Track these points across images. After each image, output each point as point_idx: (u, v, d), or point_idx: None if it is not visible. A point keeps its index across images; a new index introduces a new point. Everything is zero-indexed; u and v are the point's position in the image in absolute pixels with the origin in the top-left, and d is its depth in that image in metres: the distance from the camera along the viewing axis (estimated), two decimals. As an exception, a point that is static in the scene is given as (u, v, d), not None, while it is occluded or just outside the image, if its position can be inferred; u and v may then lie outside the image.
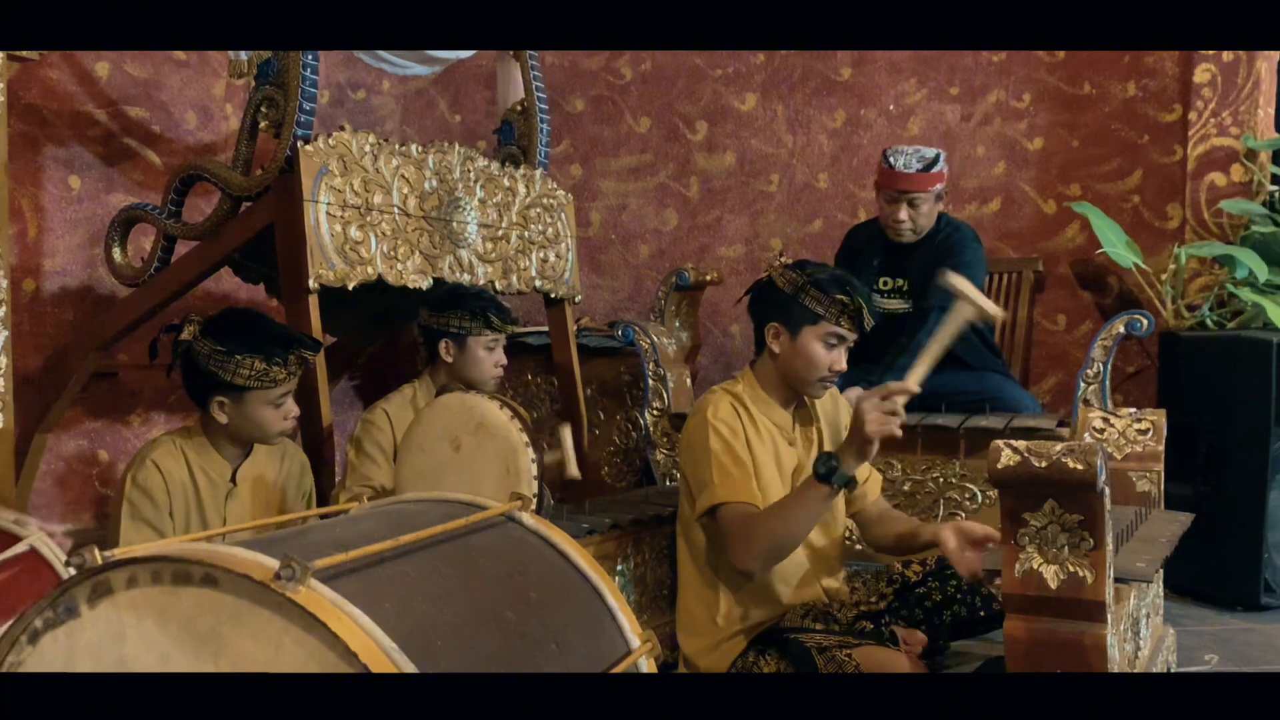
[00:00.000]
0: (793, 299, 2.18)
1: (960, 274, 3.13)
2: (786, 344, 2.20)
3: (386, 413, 2.67)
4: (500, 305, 2.85)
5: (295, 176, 2.74)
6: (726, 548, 2.08)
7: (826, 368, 2.18)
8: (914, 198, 3.22)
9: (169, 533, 2.20)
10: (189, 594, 0.98)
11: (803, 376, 2.20)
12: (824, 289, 2.16)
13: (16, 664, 1.03)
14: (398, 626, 0.95)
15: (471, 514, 1.27)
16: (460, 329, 2.77)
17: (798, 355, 2.18)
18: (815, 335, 2.17)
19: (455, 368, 2.78)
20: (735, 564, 2.07)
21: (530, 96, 3.58)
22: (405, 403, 2.72)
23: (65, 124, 3.62)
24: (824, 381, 2.22)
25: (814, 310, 2.16)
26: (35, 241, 3.53)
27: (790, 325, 2.19)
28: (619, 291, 4.59)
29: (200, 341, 2.22)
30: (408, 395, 2.76)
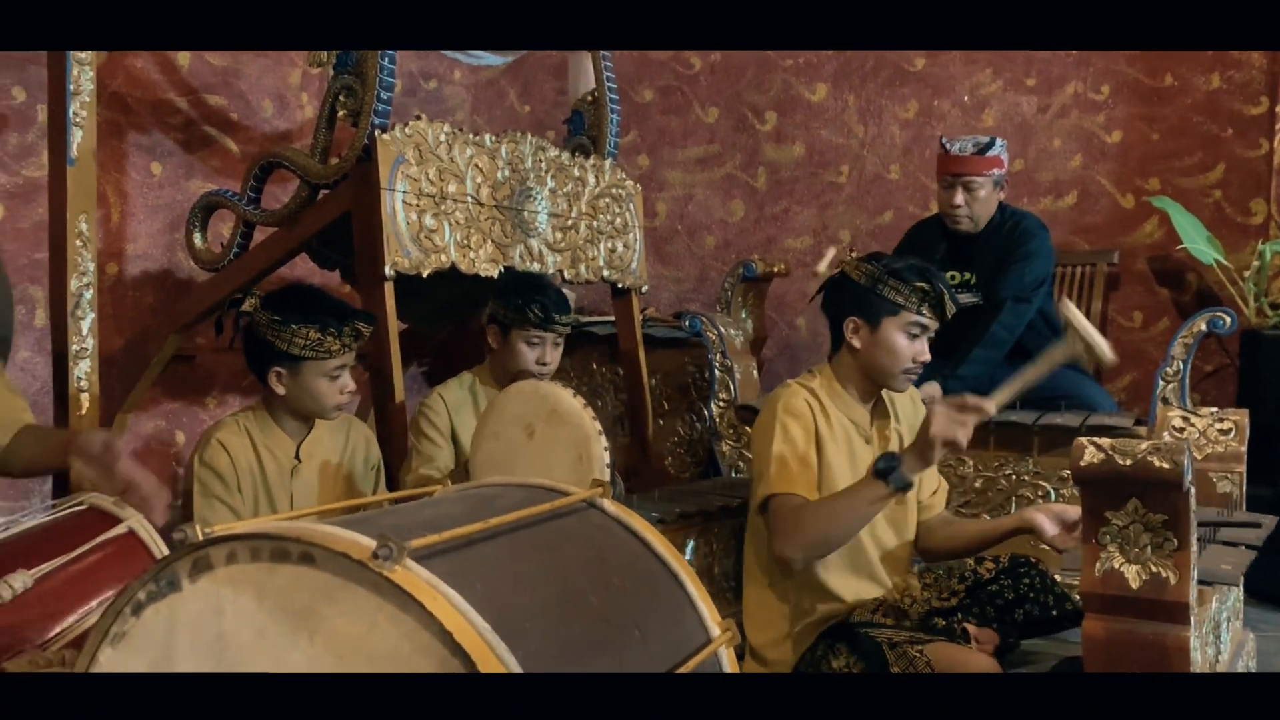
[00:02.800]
0: (870, 290, 2.15)
1: (1025, 265, 3.13)
2: (867, 337, 2.17)
3: (443, 398, 2.67)
4: (558, 301, 2.74)
5: (373, 165, 2.77)
6: (772, 538, 2.05)
7: (910, 359, 2.15)
8: (969, 181, 3.17)
9: (241, 509, 2.25)
10: (286, 571, 1.00)
11: (886, 369, 2.17)
12: (903, 278, 2.14)
13: (120, 634, 1.06)
14: (488, 607, 0.97)
15: (553, 499, 1.29)
16: (504, 319, 2.71)
17: (879, 348, 2.16)
18: (896, 326, 2.14)
19: (498, 355, 2.75)
20: (777, 553, 2.04)
21: (601, 87, 3.59)
22: (463, 389, 2.72)
23: (148, 112, 3.71)
24: (908, 373, 2.18)
25: (894, 300, 2.13)
26: (118, 226, 3.62)
27: (869, 318, 2.16)
28: (684, 282, 4.59)
29: (260, 313, 2.28)
30: (466, 382, 2.75)
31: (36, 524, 1.71)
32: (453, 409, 2.64)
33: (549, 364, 2.72)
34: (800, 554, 2.03)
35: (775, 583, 2.21)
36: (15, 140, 3.37)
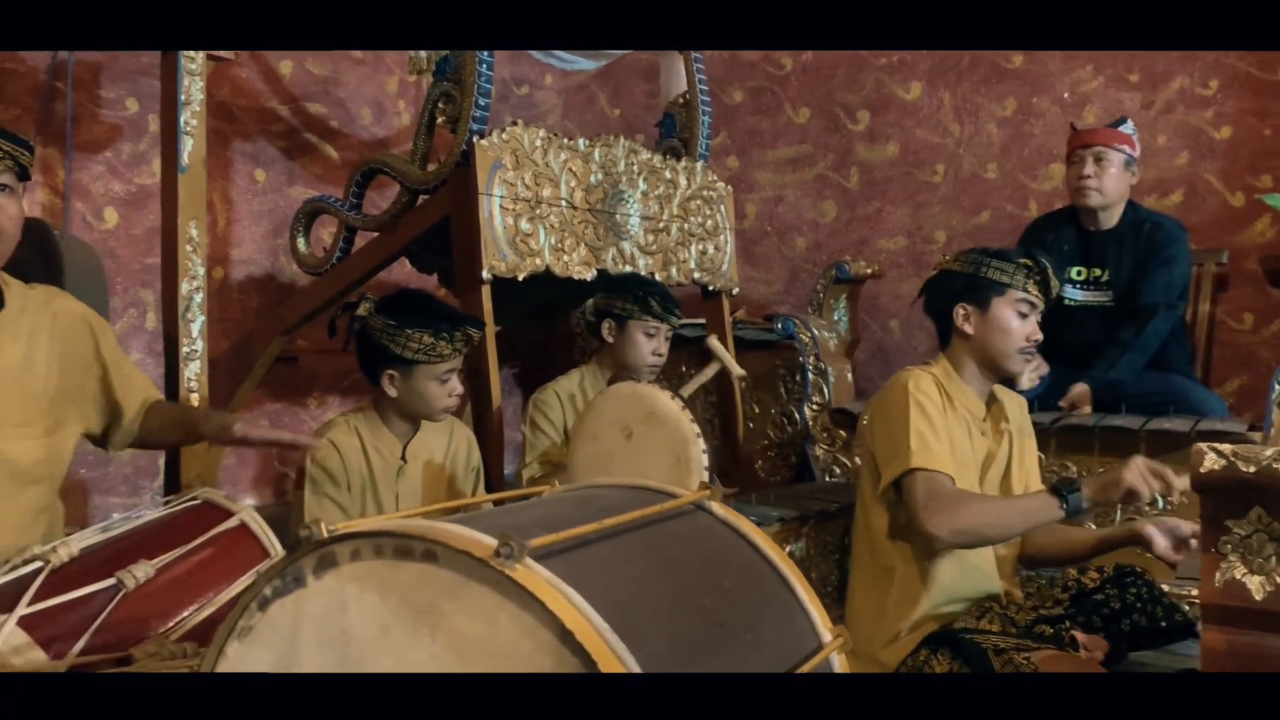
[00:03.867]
0: (975, 275, 2.20)
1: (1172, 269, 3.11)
2: (978, 321, 2.19)
3: (557, 393, 2.80)
4: (667, 296, 2.91)
5: (470, 170, 2.82)
6: (916, 511, 2.02)
7: (1024, 337, 2.18)
8: (1100, 152, 3.18)
9: (350, 507, 2.31)
10: (409, 568, 1.02)
11: (1002, 349, 2.19)
12: (1006, 257, 2.20)
13: (247, 628, 1.09)
14: (606, 608, 0.97)
15: (662, 501, 1.29)
16: (622, 311, 2.86)
17: (992, 329, 2.18)
18: (1006, 305, 2.17)
19: (614, 349, 2.88)
20: (924, 527, 2.01)
21: (693, 90, 3.60)
22: (573, 385, 2.84)
23: (252, 120, 3.82)
24: (1024, 352, 2.21)
25: (999, 280, 2.17)
26: (224, 232, 3.74)
27: (978, 302, 2.19)
28: (774, 284, 4.56)
29: (374, 317, 2.33)
30: (575, 379, 2.87)
31: (155, 518, 1.77)
32: (565, 404, 2.74)
33: (663, 356, 2.88)
34: (950, 536, 2.01)
35: (882, 583, 2.19)
36: (128, 149, 3.51)
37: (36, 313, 1.80)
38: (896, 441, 2.08)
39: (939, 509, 1.99)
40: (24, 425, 1.75)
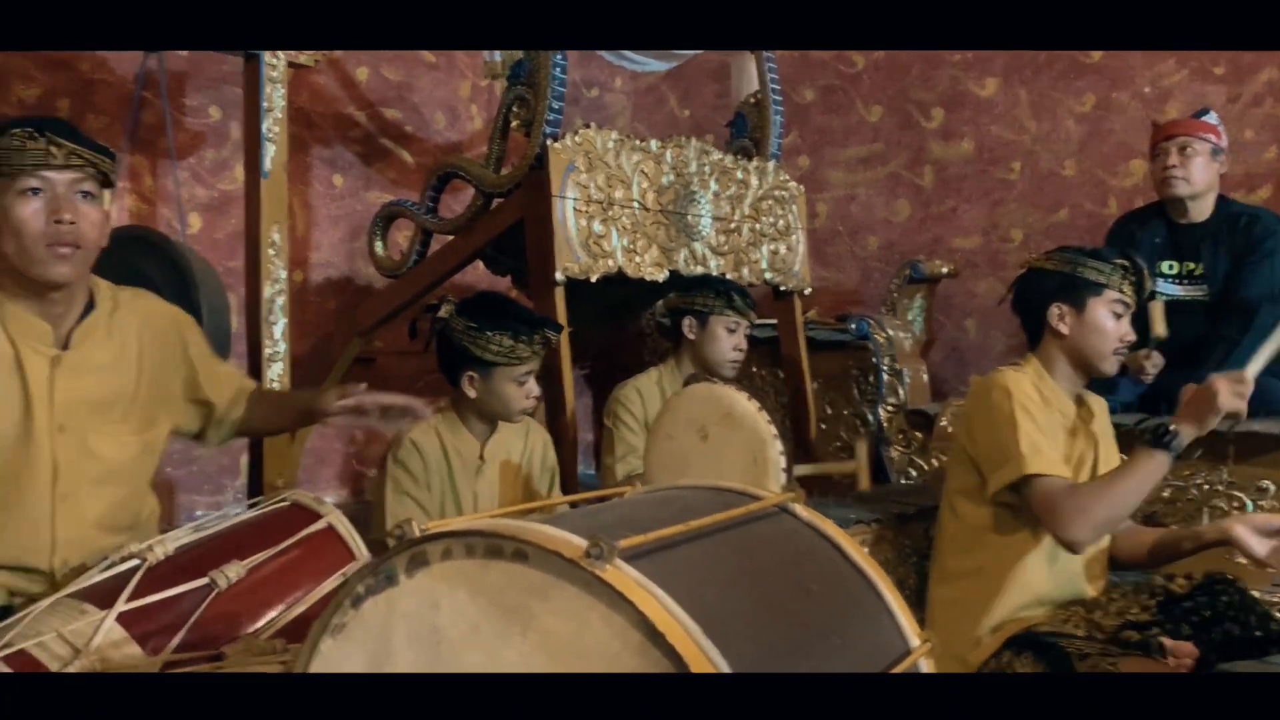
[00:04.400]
0: (1071, 275, 2.17)
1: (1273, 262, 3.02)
2: (1074, 321, 2.17)
3: (638, 389, 2.83)
4: (744, 291, 2.94)
5: (544, 173, 2.84)
6: (1050, 519, 2.01)
7: (1118, 338, 2.17)
8: (1184, 142, 3.12)
9: (430, 506, 2.34)
10: (499, 568, 1.03)
11: (1097, 350, 2.17)
12: (1103, 257, 2.17)
13: (340, 625, 1.11)
14: (696, 609, 0.97)
15: (745, 503, 1.28)
16: (704, 307, 2.90)
17: (1088, 329, 2.16)
18: (1102, 305, 2.16)
19: (696, 346, 2.90)
20: (1062, 534, 2.00)
21: (764, 89, 3.58)
22: (652, 383, 2.87)
23: (330, 126, 3.90)
24: (1118, 354, 2.19)
25: (1096, 280, 2.15)
26: (303, 236, 3.82)
27: (1074, 301, 2.17)
28: (845, 284, 4.52)
29: (455, 319, 2.36)
30: (654, 377, 2.90)
31: (245, 518, 1.81)
32: (646, 399, 2.77)
33: (743, 351, 2.93)
34: (1091, 535, 2.01)
35: (965, 584, 2.17)
36: (211, 156, 3.60)
37: (126, 314, 1.85)
38: (1005, 446, 2.05)
39: (1070, 511, 1.97)
40: (116, 424, 1.80)
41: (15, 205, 1.63)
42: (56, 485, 1.71)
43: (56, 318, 1.74)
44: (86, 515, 1.75)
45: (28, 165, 1.62)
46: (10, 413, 1.68)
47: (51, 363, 1.72)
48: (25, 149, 1.62)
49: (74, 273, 1.70)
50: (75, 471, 1.73)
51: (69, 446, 1.72)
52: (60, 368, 1.73)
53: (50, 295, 1.71)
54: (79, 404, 1.74)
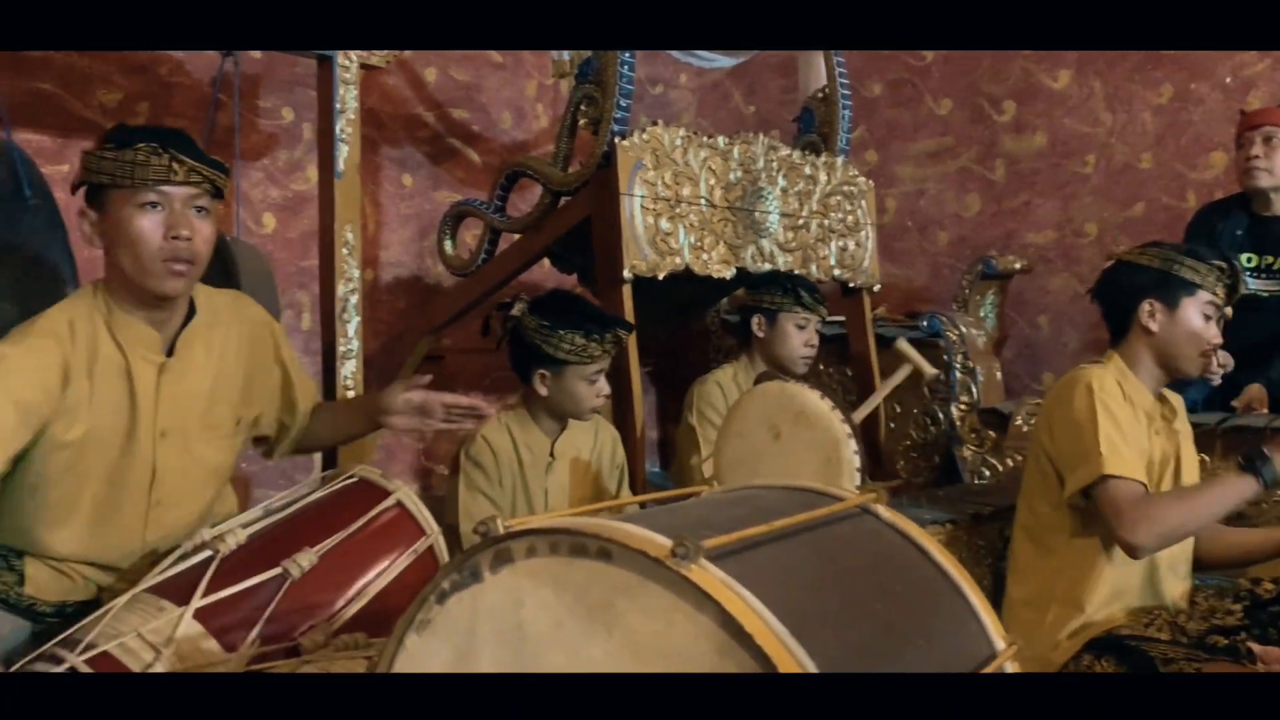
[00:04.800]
0: (1166, 272, 2.14)
1: None
2: (1165, 320, 2.14)
3: (718, 384, 2.83)
4: (814, 288, 2.93)
5: (612, 171, 2.85)
6: (1116, 521, 1.97)
7: (1207, 340, 2.13)
8: (1269, 132, 3.07)
9: (502, 501, 2.36)
10: (583, 566, 1.03)
11: (1185, 351, 2.14)
12: (1200, 257, 2.14)
13: (426, 621, 1.12)
14: (781, 610, 0.97)
15: (826, 503, 1.27)
16: (772, 305, 2.88)
17: (1179, 329, 2.13)
18: (1194, 305, 2.13)
19: (765, 344, 2.89)
20: (1124, 538, 1.96)
21: (832, 83, 3.55)
22: (729, 379, 2.87)
23: (399, 126, 3.94)
24: (1205, 356, 2.15)
25: (1191, 280, 2.12)
26: (374, 235, 3.87)
27: (1167, 299, 2.14)
28: (914, 280, 4.46)
29: (527, 318, 2.37)
30: (729, 373, 2.90)
31: (315, 498, 1.83)
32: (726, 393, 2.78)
33: (814, 347, 2.89)
34: (1154, 543, 1.98)
35: (1045, 586, 2.13)
36: (285, 157, 3.66)
37: (225, 319, 1.88)
38: (1084, 445, 2.01)
39: (1138, 517, 1.94)
40: (215, 428, 1.84)
41: (134, 218, 1.65)
42: (153, 490, 1.75)
43: (162, 324, 1.77)
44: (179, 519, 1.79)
45: (149, 180, 1.64)
46: (118, 419, 1.71)
47: (158, 369, 1.75)
48: (149, 164, 1.64)
49: (187, 287, 1.73)
50: (173, 476, 1.77)
51: (170, 452, 1.76)
52: (166, 374, 1.76)
53: (159, 304, 1.74)
54: (182, 409, 1.77)
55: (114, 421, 1.70)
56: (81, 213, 1.71)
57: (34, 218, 2.09)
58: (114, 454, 1.71)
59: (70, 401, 1.65)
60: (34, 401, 1.59)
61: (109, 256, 1.71)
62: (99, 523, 1.71)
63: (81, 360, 1.67)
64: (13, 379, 1.57)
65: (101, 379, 1.69)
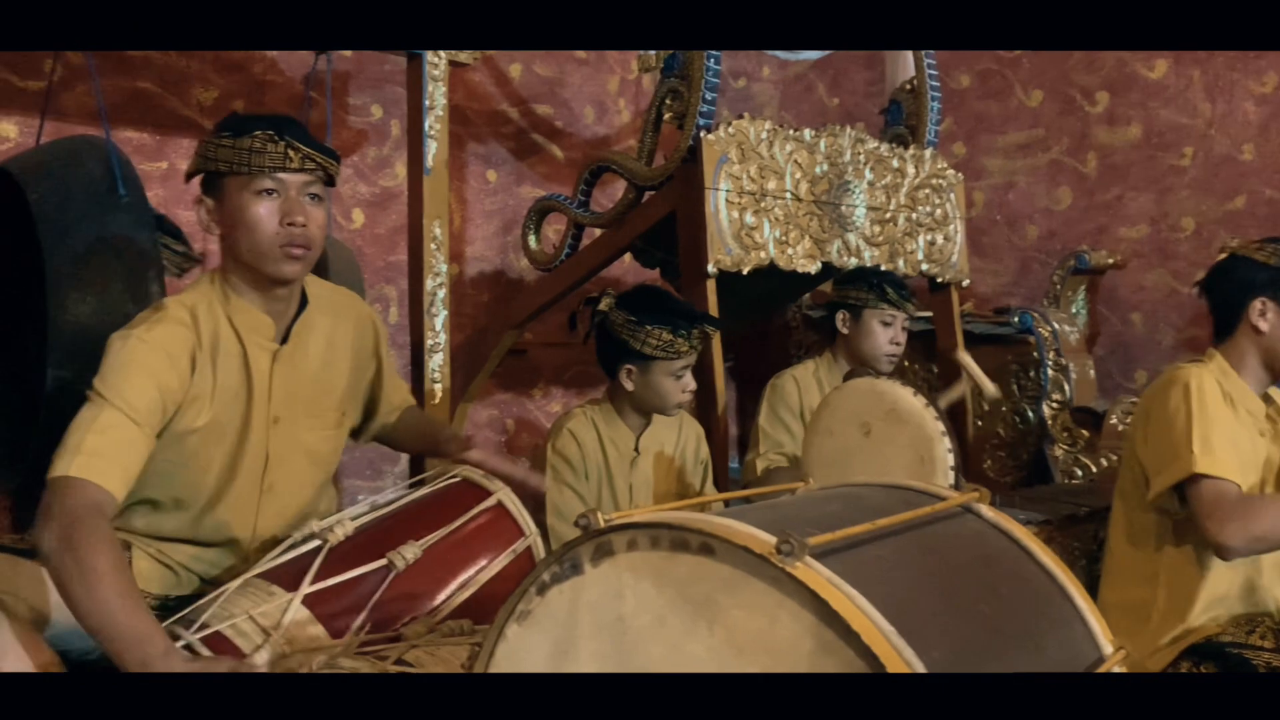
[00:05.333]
0: None
1: None
2: (1276, 320, 2.07)
3: (795, 379, 2.78)
4: (900, 283, 2.86)
5: (697, 165, 2.84)
6: (1203, 520, 1.91)
7: None
8: None
9: (588, 495, 2.37)
10: (685, 561, 1.02)
11: None
12: None
13: (526, 612, 1.13)
14: (889, 609, 0.95)
15: (927, 502, 1.25)
16: (857, 300, 2.82)
17: None
18: None
19: (850, 340, 2.85)
20: (1215, 538, 1.89)
21: (921, 75, 3.49)
22: (809, 375, 2.82)
23: (484, 123, 3.98)
24: None
25: None
26: (459, 230, 3.91)
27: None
28: (1003, 275, 4.37)
29: (615, 313, 2.37)
30: (810, 369, 2.85)
31: (419, 495, 1.87)
32: (803, 390, 2.73)
33: (900, 345, 2.85)
34: (1246, 545, 1.90)
35: (1144, 590, 2.07)
36: (373, 154, 3.72)
37: (335, 311, 1.92)
38: (1177, 444, 1.95)
39: (1229, 517, 1.87)
40: (323, 417, 1.88)
41: (251, 204, 1.68)
42: (266, 475, 1.79)
43: (278, 313, 1.80)
44: (288, 504, 1.83)
45: (265, 167, 1.67)
46: (237, 404, 1.75)
47: (272, 356, 1.79)
48: (265, 151, 1.66)
49: (303, 271, 1.77)
50: (284, 462, 1.81)
51: (281, 438, 1.80)
52: (279, 361, 1.80)
53: (275, 291, 1.78)
54: (293, 397, 1.81)
55: (233, 407, 1.75)
56: (198, 200, 1.75)
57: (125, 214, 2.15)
58: (232, 439, 1.75)
59: (197, 388, 1.70)
60: (170, 386, 1.64)
61: (225, 243, 1.75)
62: (210, 507, 1.75)
63: (205, 347, 1.72)
64: (150, 362, 1.62)
65: (223, 366, 1.74)
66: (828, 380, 2.78)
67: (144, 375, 1.61)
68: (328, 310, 1.90)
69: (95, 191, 2.08)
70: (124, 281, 2.09)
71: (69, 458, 1.51)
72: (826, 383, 2.78)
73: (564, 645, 1.10)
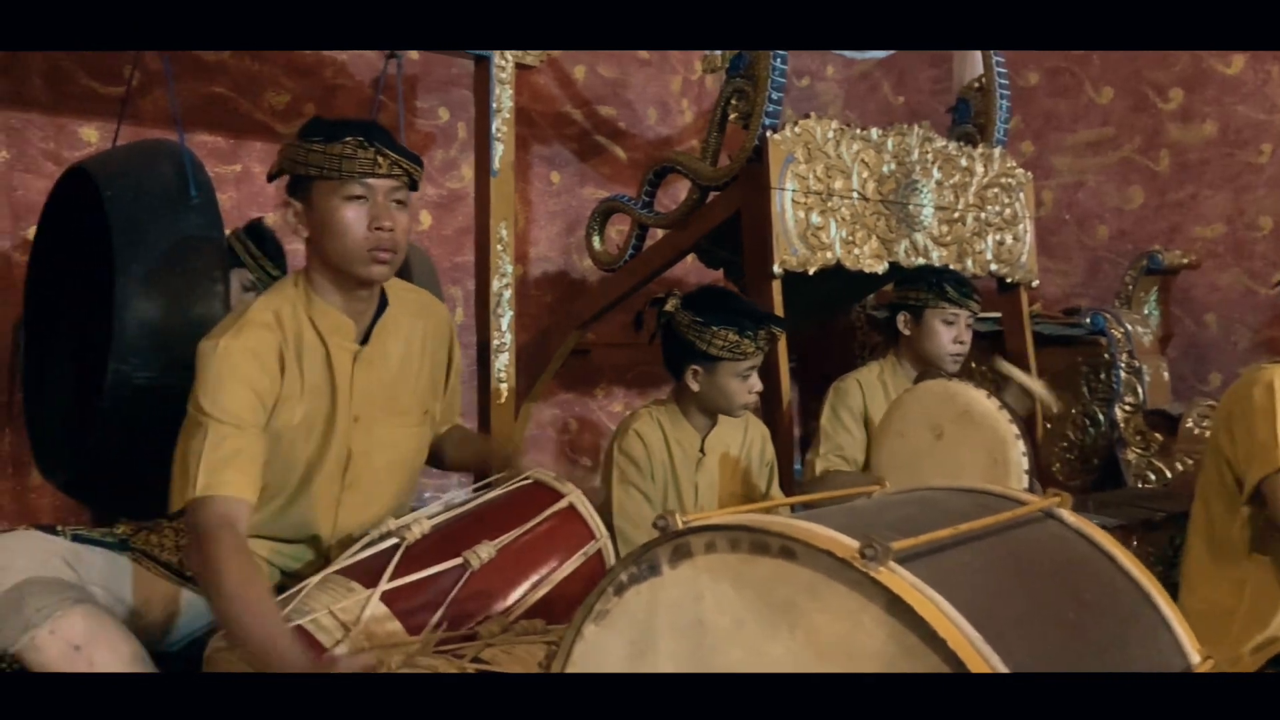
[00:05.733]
0: None
1: None
2: None
3: (859, 382, 2.76)
4: (962, 280, 2.81)
5: (763, 165, 2.83)
6: None
7: None
8: None
9: (654, 496, 2.37)
10: (765, 564, 1.02)
11: None
12: None
13: (604, 612, 1.14)
14: (973, 615, 0.94)
15: (1007, 506, 1.23)
16: (917, 301, 2.78)
17: None
18: None
19: (912, 341, 2.81)
20: None
21: (989, 73, 3.45)
22: (873, 378, 2.79)
23: (548, 124, 4.01)
24: None
25: None
26: (523, 232, 3.94)
27: None
28: (1071, 275, 4.29)
29: (681, 313, 2.36)
30: (874, 371, 2.83)
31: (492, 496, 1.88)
32: (867, 393, 2.71)
33: (965, 344, 2.80)
34: None
35: (1231, 598, 2.03)
36: (440, 156, 3.76)
37: (414, 313, 1.96)
38: (1260, 443, 1.91)
39: None
40: (402, 416, 1.91)
41: (341, 209, 1.72)
42: (347, 472, 1.83)
43: (359, 314, 1.84)
44: (368, 503, 1.86)
45: (355, 173, 1.70)
46: (321, 404, 1.79)
47: (353, 357, 1.83)
48: (355, 157, 1.70)
49: (389, 274, 1.80)
50: (365, 460, 1.84)
51: (362, 436, 1.83)
52: (359, 361, 1.84)
53: (357, 293, 1.82)
54: (373, 396, 1.85)
55: (317, 406, 1.79)
56: (285, 203, 1.79)
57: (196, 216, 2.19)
58: (317, 437, 1.79)
59: (288, 388, 1.75)
60: (263, 388, 1.70)
61: (312, 245, 1.79)
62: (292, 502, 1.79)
63: (291, 348, 1.76)
64: (242, 367, 1.67)
65: (308, 366, 1.78)
66: (892, 383, 2.75)
67: (238, 381, 1.66)
68: (407, 311, 1.93)
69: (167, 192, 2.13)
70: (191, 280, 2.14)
71: (191, 482, 1.58)
72: (891, 386, 2.75)
73: (641, 646, 1.10)
